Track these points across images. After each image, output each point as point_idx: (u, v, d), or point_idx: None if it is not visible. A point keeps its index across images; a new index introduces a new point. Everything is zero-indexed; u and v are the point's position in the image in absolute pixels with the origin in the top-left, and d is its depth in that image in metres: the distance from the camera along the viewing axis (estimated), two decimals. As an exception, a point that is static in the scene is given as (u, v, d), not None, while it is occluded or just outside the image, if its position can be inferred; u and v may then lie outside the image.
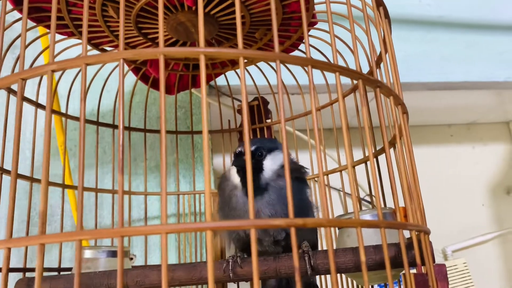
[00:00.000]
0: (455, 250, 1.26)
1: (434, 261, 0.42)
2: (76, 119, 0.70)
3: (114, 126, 0.74)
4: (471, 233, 1.30)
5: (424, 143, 1.36)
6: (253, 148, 0.53)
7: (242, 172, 0.52)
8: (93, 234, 0.28)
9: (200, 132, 0.83)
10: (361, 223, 0.32)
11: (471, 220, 1.32)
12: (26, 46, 0.63)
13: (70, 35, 0.62)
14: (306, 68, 0.35)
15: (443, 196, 1.30)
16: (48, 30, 0.62)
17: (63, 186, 0.65)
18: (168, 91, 0.77)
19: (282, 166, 0.53)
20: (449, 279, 1.16)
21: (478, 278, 1.18)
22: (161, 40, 0.32)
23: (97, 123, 0.73)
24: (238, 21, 0.33)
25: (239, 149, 0.53)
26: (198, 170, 0.87)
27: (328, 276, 0.66)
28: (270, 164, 0.53)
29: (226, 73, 0.79)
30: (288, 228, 0.29)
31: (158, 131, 0.79)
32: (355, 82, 0.57)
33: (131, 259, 0.85)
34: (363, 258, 0.32)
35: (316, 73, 0.69)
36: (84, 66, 0.32)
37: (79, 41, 0.65)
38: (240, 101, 0.87)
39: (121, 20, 0.32)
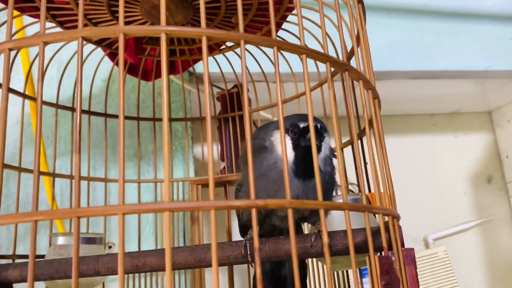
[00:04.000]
0: (437, 238, 1.27)
1: (403, 245, 0.42)
2: (51, 105, 0.69)
3: (90, 113, 0.73)
4: (452, 222, 1.31)
5: (407, 132, 1.36)
6: (317, 125, 0.49)
7: (302, 151, 0.48)
8: (48, 214, 0.28)
9: (179, 119, 0.83)
10: (324, 205, 0.32)
11: (453, 209, 1.33)
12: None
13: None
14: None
15: (425, 185, 1.31)
16: (19, 12, 0.61)
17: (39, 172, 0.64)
18: (146, 77, 0.76)
19: (331, 151, 0.51)
20: (430, 267, 1.18)
21: (458, 266, 1.20)
22: (121, 18, 0.31)
23: (72, 109, 0.72)
24: None
25: (304, 124, 0.48)
26: (178, 158, 0.87)
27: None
28: (324, 147, 0.50)
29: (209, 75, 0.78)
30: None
31: (136, 118, 0.78)
32: (333, 69, 0.57)
33: (110, 247, 0.84)
34: (325, 239, 0.32)
35: (296, 61, 0.68)
36: (42, 45, 0.31)
37: (52, 25, 0.64)
38: (220, 88, 0.86)
39: (80, -3, 0.31)
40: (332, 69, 0.40)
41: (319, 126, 0.49)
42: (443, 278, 1.17)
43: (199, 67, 0.83)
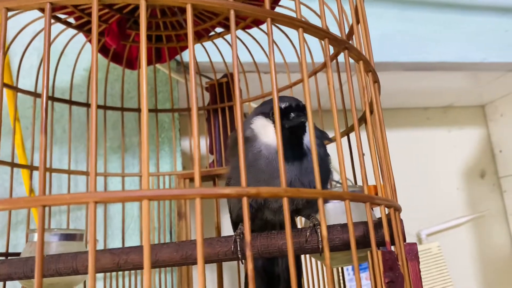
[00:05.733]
0: (430, 234, 1.25)
1: (405, 240, 0.39)
2: (29, 93, 0.65)
3: (71, 103, 0.69)
4: (445, 217, 1.29)
5: (400, 126, 1.34)
6: (299, 103, 0.46)
7: (286, 133, 0.44)
8: (7, 203, 0.24)
9: (166, 111, 0.79)
10: (323, 194, 0.29)
11: (446, 204, 1.31)
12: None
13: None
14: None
15: (419, 180, 1.29)
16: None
17: (12, 164, 0.60)
18: (130, 65, 0.72)
19: (319, 131, 0.48)
20: (423, 263, 1.15)
21: (451, 261, 1.18)
22: (94, -17, 0.27)
23: (52, 99, 0.68)
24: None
25: (285, 104, 0.45)
26: (165, 150, 0.83)
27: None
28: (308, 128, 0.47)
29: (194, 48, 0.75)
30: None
31: (119, 109, 0.74)
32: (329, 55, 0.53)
33: (93, 244, 0.80)
34: (324, 232, 0.28)
35: (290, 51, 0.65)
36: (5, 11, 0.27)
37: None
38: (209, 78, 0.83)
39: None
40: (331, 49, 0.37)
41: (300, 105, 0.45)
42: (436, 273, 1.15)
43: (187, 56, 0.79)
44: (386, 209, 0.38)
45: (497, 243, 1.34)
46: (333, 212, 0.50)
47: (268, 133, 0.46)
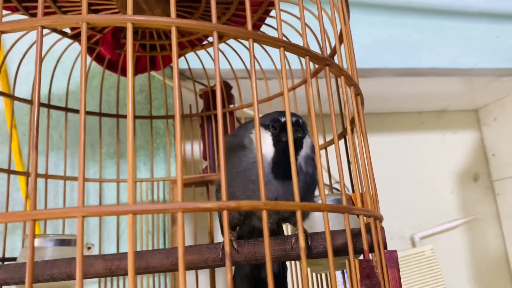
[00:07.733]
0: (423, 237, 1.26)
1: (386, 248, 0.41)
2: (26, 101, 0.67)
3: (66, 110, 0.70)
4: (439, 220, 1.30)
5: (394, 130, 1.35)
6: (299, 120, 0.46)
7: (282, 147, 0.45)
8: (1, 217, 0.26)
9: (160, 117, 0.80)
10: (301, 206, 0.30)
11: (440, 207, 1.32)
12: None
13: (14, 10, 0.59)
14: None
15: (413, 183, 1.30)
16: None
17: (8, 171, 0.61)
18: (125, 73, 0.74)
19: (312, 151, 0.47)
20: (416, 266, 1.17)
21: (444, 264, 1.20)
22: (84, 6, 0.29)
23: (49, 106, 0.69)
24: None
25: (285, 119, 0.45)
26: (160, 156, 0.84)
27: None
28: (305, 145, 0.47)
29: (187, 56, 0.76)
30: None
31: (115, 115, 0.75)
32: (317, 66, 0.55)
33: (89, 248, 0.82)
34: (302, 243, 0.30)
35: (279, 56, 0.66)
36: (-2, 35, 0.29)
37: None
38: (203, 85, 0.84)
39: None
40: (315, 65, 0.38)
41: (300, 121, 0.46)
42: (429, 276, 1.17)
43: (181, 63, 0.81)
44: (366, 218, 0.40)
45: (490, 246, 1.36)
46: (320, 219, 0.51)
47: (265, 144, 0.46)
